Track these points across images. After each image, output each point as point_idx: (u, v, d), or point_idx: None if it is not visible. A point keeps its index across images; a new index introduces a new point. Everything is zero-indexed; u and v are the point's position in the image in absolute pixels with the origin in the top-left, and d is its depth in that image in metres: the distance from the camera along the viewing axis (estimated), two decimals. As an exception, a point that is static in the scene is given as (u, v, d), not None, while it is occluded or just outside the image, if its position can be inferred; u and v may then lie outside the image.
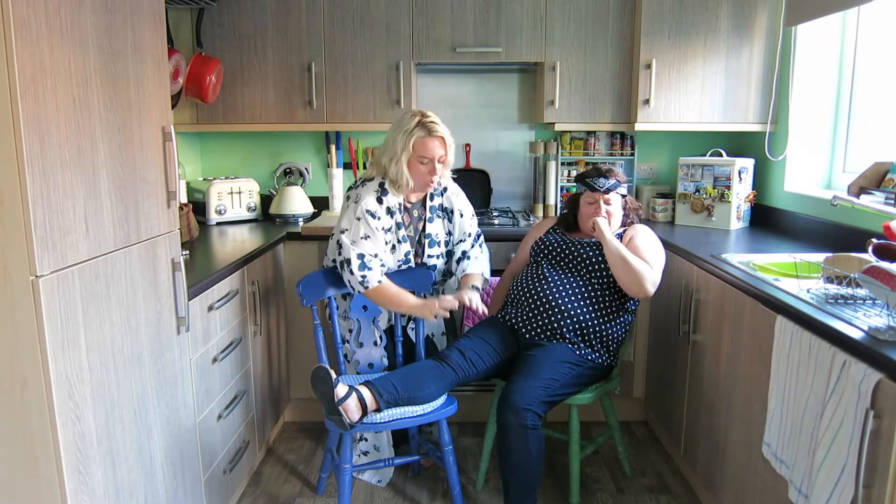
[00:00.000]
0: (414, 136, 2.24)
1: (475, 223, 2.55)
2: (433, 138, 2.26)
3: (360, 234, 2.27)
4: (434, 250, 2.45)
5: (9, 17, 1.20)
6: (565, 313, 2.33)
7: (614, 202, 2.46)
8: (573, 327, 2.33)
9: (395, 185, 2.33)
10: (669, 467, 2.76)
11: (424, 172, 2.29)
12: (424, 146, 2.25)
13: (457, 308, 2.31)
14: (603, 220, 2.41)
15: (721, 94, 3.05)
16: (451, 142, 2.32)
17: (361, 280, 2.27)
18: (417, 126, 2.25)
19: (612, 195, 2.44)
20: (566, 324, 2.32)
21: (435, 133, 2.26)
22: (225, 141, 3.52)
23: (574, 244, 2.45)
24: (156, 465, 1.76)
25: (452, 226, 2.48)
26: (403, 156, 2.25)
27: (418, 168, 2.28)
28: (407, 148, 2.24)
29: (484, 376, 2.35)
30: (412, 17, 3.06)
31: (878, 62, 2.60)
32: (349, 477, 2.24)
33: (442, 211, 2.46)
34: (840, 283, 1.78)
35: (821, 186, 2.92)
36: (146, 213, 1.70)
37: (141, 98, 1.67)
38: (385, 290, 2.30)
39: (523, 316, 2.40)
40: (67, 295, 1.38)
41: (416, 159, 2.26)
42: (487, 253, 2.60)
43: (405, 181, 2.29)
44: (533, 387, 2.15)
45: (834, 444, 1.46)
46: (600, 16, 3.06)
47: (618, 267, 2.30)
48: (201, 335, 2.07)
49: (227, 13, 3.07)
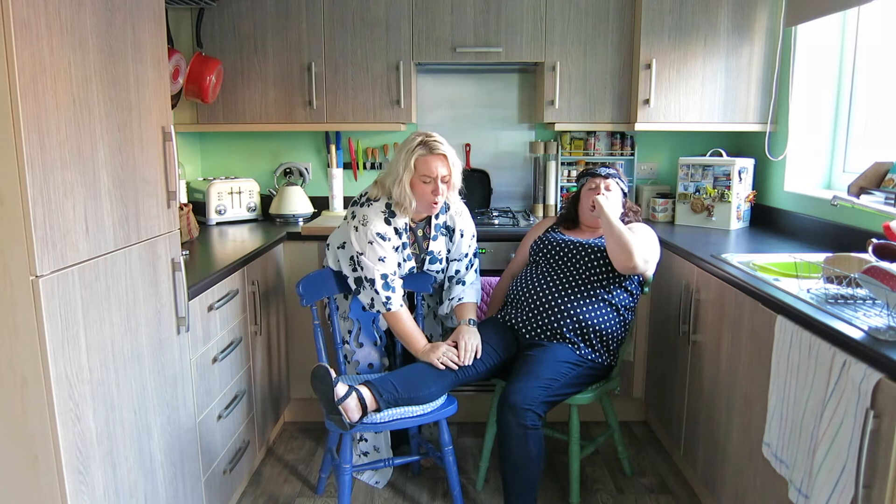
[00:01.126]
0: (415, 155, 2.21)
1: (474, 244, 2.52)
2: (435, 156, 2.22)
3: (377, 257, 2.26)
4: (435, 266, 2.46)
5: (9, 17, 1.20)
6: (565, 313, 2.33)
7: (614, 190, 2.49)
8: (573, 327, 2.32)
9: (399, 207, 2.30)
10: (669, 467, 2.76)
11: (427, 192, 2.24)
12: (426, 164, 2.21)
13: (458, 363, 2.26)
14: (603, 197, 2.43)
15: (721, 94, 3.05)
16: (455, 161, 2.27)
17: (386, 301, 2.27)
18: (419, 145, 2.22)
19: (612, 182, 2.49)
20: (566, 323, 2.32)
21: (437, 151, 2.22)
22: (225, 141, 3.52)
23: (574, 244, 2.44)
24: (156, 465, 1.76)
25: (452, 244, 2.48)
26: (406, 175, 2.21)
27: (421, 188, 2.24)
28: (409, 167, 2.21)
29: (485, 377, 2.34)
30: (412, 17, 3.06)
31: (878, 62, 2.60)
32: (349, 477, 2.24)
33: (445, 229, 2.45)
34: (840, 283, 1.78)
35: (821, 186, 2.92)
36: (146, 213, 1.70)
37: (141, 98, 1.67)
38: (402, 319, 2.30)
39: (523, 316, 2.40)
40: (67, 295, 1.38)
41: (419, 178, 2.22)
42: (479, 279, 2.57)
43: (409, 202, 2.25)
44: (533, 387, 2.15)
45: (834, 444, 1.46)
46: (600, 16, 3.06)
47: (611, 237, 2.31)
48: (201, 335, 2.07)
49: (227, 13, 3.07)
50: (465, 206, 2.50)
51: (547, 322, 2.34)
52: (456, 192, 2.35)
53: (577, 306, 2.34)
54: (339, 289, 2.42)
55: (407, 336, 2.31)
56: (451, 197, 2.37)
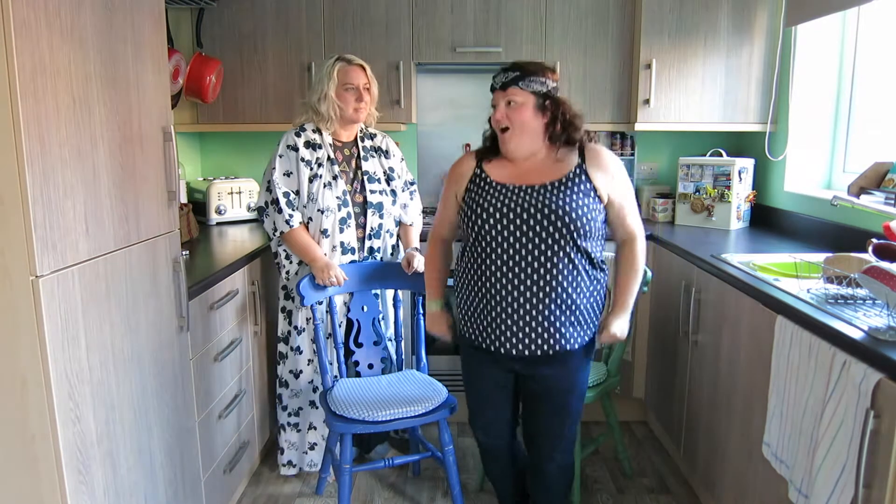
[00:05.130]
0: (337, 66, 2.37)
1: (405, 167, 2.63)
2: (354, 66, 2.38)
3: (283, 171, 2.38)
4: (375, 186, 2.48)
5: (9, 17, 1.20)
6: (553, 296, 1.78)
7: (521, 104, 1.81)
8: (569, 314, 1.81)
9: (325, 122, 2.41)
10: (669, 467, 2.76)
11: (352, 100, 2.37)
12: (347, 73, 2.36)
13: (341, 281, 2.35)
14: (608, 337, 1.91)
15: (721, 94, 3.05)
16: (372, 75, 2.42)
17: (288, 219, 2.35)
18: (337, 60, 2.39)
19: (515, 92, 1.81)
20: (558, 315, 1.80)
21: (354, 62, 2.38)
22: (225, 141, 3.52)
23: (520, 193, 1.80)
24: (156, 465, 1.76)
25: (388, 161, 2.54)
26: (330, 86, 2.35)
27: (345, 96, 2.37)
28: (333, 78, 2.35)
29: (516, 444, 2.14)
30: (412, 17, 3.06)
31: (878, 62, 2.59)
32: (349, 477, 2.24)
33: (376, 151, 2.53)
34: (840, 283, 1.78)
35: (821, 186, 2.92)
36: (146, 213, 1.70)
37: (141, 98, 1.67)
38: (302, 235, 2.38)
39: (498, 329, 1.83)
40: (67, 295, 1.38)
41: (342, 87, 2.36)
42: (419, 203, 2.66)
43: (336, 110, 2.37)
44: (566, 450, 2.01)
45: (834, 444, 1.46)
46: (600, 16, 3.06)
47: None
48: (201, 335, 2.07)
49: (227, 13, 3.07)
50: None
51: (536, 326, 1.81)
52: (373, 111, 2.47)
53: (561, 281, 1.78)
54: (340, 289, 2.42)
55: (305, 250, 2.37)
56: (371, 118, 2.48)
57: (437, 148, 3.53)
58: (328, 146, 2.41)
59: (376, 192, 2.47)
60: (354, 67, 2.37)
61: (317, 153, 2.40)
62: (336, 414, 2.21)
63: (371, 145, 2.53)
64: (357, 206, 2.44)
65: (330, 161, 2.40)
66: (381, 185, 2.49)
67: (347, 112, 2.38)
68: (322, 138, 2.42)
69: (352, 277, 2.42)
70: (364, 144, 2.50)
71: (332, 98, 2.35)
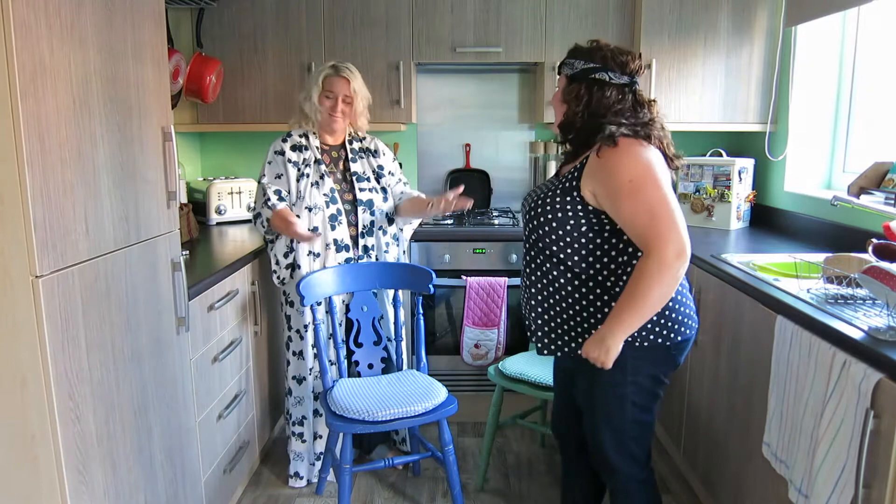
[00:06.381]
0: (324, 73, 2.43)
1: (398, 167, 2.67)
2: (340, 77, 2.42)
3: (274, 175, 2.45)
4: (364, 184, 2.50)
5: (9, 17, 1.20)
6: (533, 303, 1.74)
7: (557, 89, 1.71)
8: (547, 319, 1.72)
9: (308, 123, 2.49)
10: (669, 467, 2.76)
11: (328, 107, 2.43)
12: (331, 82, 2.42)
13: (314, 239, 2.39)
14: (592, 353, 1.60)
15: (721, 94, 3.05)
16: (360, 89, 2.45)
17: (273, 205, 2.39)
18: (329, 67, 2.44)
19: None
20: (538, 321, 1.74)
21: (341, 73, 2.42)
22: (225, 141, 3.52)
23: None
24: (156, 465, 1.76)
25: (377, 160, 2.56)
26: (314, 91, 2.43)
27: (324, 103, 2.43)
28: (318, 84, 2.43)
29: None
30: (412, 17, 3.06)
31: (878, 62, 2.60)
32: (349, 477, 2.24)
33: (364, 152, 2.56)
34: (840, 283, 1.78)
35: (821, 186, 2.92)
36: (146, 213, 1.70)
37: (141, 98, 1.67)
38: (284, 208, 2.40)
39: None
40: (67, 295, 1.38)
41: (324, 94, 2.43)
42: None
43: (315, 114, 2.45)
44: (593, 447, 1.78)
45: (834, 444, 1.46)
46: (600, 16, 3.06)
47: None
48: (201, 335, 2.07)
49: (227, 13, 3.07)
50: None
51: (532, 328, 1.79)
52: (362, 120, 2.52)
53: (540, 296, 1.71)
54: (340, 289, 2.42)
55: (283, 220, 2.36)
56: (358, 124, 2.53)
57: (437, 148, 3.53)
58: (315, 148, 2.46)
59: (366, 189, 2.49)
60: (339, 78, 2.42)
61: (304, 154, 2.45)
62: (336, 414, 2.21)
63: (359, 147, 2.57)
64: (347, 203, 2.46)
65: (317, 162, 2.45)
66: (370, 184, 2.51)
67: (323, 118, 2.45)
68: (309, 142, 2.47)
69: (352, 277, 2.42)
70: (352, 147, 2.54)
71: (314, 102, 2.43)
